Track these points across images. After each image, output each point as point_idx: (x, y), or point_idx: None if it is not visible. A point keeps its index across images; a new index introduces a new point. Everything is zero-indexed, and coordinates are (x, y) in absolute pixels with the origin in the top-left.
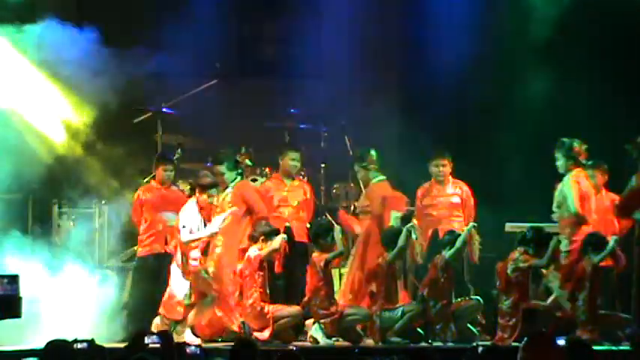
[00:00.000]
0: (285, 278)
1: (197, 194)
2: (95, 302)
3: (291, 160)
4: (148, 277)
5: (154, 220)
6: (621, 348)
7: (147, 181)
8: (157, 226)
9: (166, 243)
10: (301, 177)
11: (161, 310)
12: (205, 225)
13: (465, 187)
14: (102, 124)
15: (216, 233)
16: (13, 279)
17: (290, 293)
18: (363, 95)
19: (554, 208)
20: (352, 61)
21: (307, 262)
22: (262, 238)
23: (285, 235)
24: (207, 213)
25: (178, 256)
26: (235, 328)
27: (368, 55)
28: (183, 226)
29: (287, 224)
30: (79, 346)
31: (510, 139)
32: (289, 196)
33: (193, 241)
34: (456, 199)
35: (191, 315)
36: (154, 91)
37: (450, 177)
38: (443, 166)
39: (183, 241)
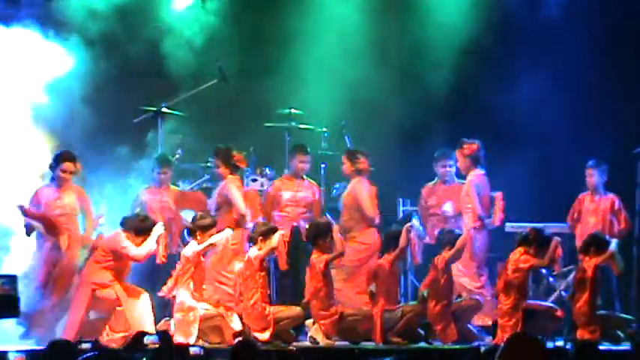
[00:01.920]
0: (292, 278)
1: (198, 237)
2: None
3: (300, 162)
4: (147, 278)
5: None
6: (621, 348)
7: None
8: None
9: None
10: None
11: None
12: None
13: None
14: (102, 124)
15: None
16: (12, 279)
17: (297, 293)
18: (363, 95)
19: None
20: (352, 61)
21: None
22: (260, 238)
23: (283, 231)
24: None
25: None
26: None
27: (368, 55)
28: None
29: (294, 224)
30: (84, 346)
31: (509, 139)
32: (298, 196)
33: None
34: None
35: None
36: (154, 91)
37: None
38: (449, 167)
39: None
